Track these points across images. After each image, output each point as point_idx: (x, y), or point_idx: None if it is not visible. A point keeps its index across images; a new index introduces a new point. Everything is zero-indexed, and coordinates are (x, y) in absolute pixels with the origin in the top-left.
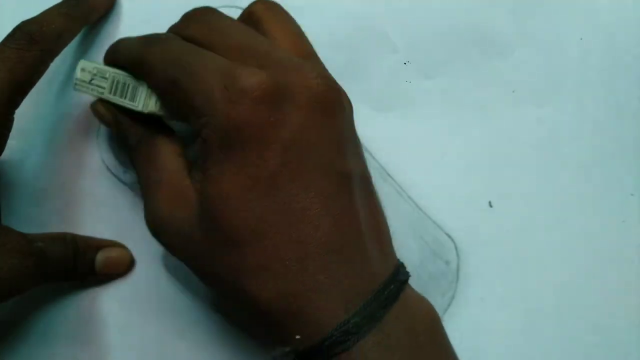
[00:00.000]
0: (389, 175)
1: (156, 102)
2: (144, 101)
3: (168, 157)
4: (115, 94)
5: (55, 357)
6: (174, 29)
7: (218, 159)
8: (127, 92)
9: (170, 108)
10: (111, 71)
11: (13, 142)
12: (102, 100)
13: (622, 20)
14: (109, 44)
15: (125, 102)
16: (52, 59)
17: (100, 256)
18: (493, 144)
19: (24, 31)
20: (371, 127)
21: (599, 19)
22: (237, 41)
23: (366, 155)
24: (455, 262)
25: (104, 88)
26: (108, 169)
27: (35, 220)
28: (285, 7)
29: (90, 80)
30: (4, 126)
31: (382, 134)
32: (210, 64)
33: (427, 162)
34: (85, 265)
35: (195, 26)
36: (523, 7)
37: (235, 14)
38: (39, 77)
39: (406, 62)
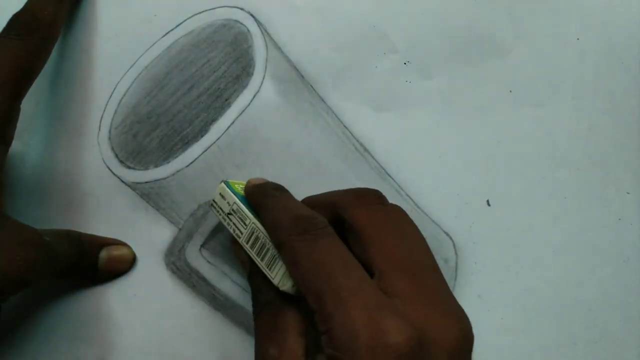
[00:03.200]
0: (388, 174)
1: (294, 285)
2: (282, 277)
3: (290, 333)
4: (252, 247)
5: (57, 355)
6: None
7: None
8: (265, 254)
9: (307, 304)
10: (252, 221)
11: (13, 141)
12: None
13: (618, 20)
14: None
15: (262, 265)
16: (52, 44)
17: (104, 253)
18: (491, 143)
19: (21, 21)
20: (371, 126)
21: (596, 18)
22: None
23: (366, 154)
24: (453, 260)
25: (241, 233)
26: (109, 168)
27: (37, 220)
28: (286, 7)
29: (228, 214)
30: (12, 116)
31: (382, 133)
32: (361, 298)
33: (425, 161)
34: (88, 261)
35: (365, 213)
36: (520, 7)
37: (236, 14)
38: (42, 65)
39: (406, 62)
